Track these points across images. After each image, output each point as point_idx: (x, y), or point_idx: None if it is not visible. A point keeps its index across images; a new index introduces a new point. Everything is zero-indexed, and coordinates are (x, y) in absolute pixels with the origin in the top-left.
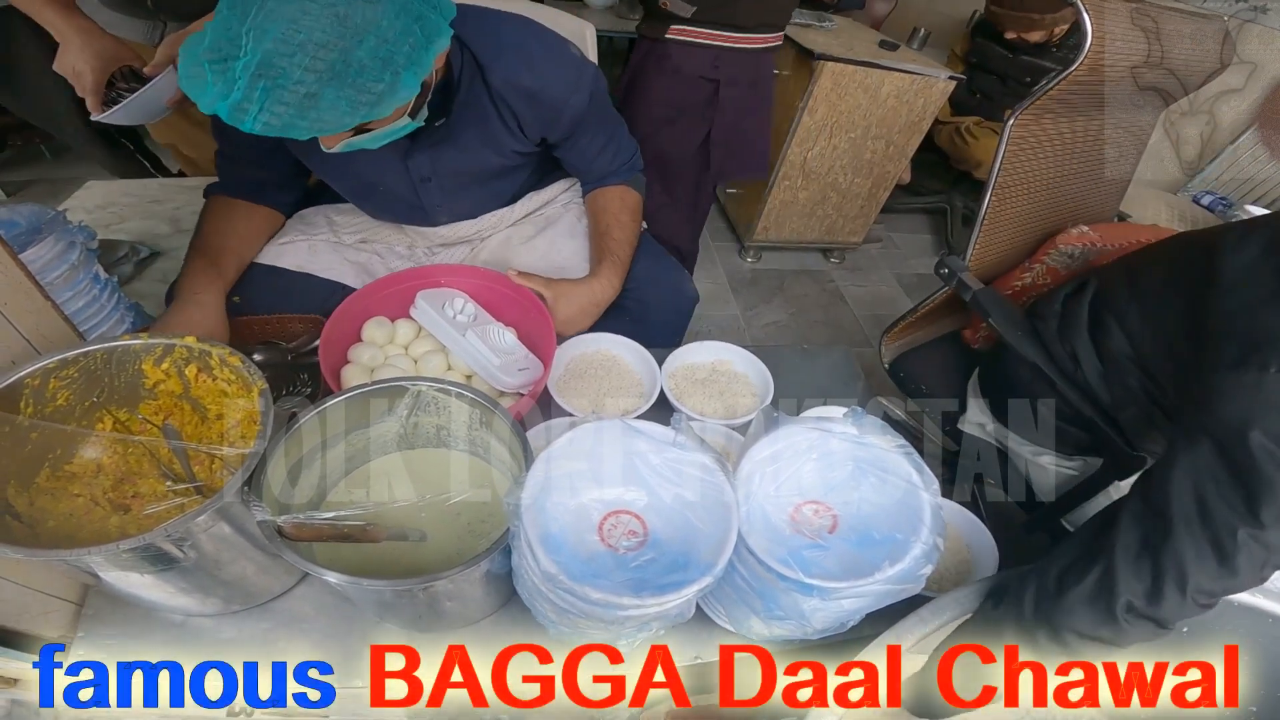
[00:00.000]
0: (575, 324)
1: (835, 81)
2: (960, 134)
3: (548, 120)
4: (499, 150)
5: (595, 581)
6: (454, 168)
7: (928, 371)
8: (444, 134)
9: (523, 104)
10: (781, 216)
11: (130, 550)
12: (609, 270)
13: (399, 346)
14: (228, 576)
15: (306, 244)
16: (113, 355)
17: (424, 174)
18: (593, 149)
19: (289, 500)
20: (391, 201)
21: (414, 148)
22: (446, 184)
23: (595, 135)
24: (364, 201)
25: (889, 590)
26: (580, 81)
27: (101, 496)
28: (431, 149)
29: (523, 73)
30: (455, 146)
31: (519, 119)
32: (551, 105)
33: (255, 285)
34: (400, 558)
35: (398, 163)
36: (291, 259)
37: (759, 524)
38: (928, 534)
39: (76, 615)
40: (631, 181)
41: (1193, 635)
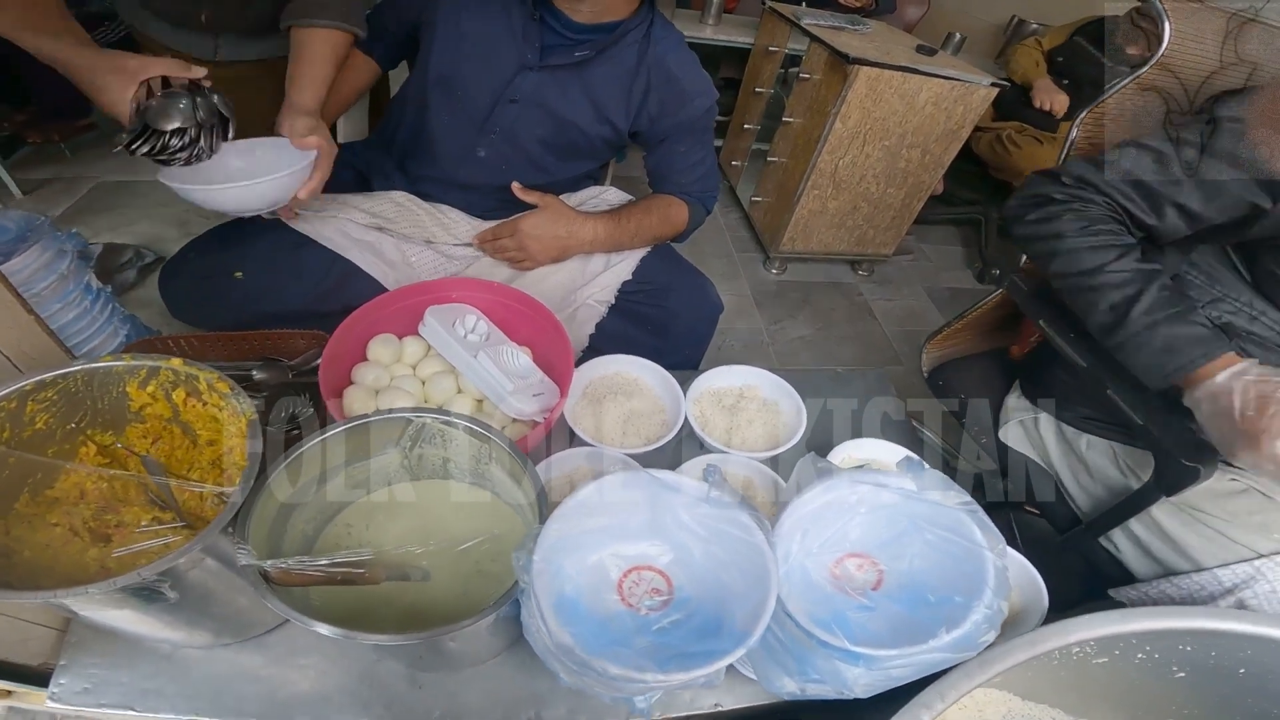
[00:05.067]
0: (539, 243)
1: (870, 87)
2: (1001, 141)
3: (669, 109)
4: (599, 115)
5: (614, 651)
6: (547, 105)
7: (968, 382)
8: (567, 70)
9: (661, 82)
10: (810, 227)
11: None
12: (601, 223)
13: (406, 366)
14: (217, 612)
15: (316, 216)
16: (94, 377)
17: (518, 95)
18: (681, 161)
19: (280, 537)
20: (457, 110)
21: (536, 64)
22: (525, 118)
23: (691, 148)
24: (436, 92)
25: (945, 659)
26: (708, 90)
27: (81, 526)
28: (546, 75)
29: (675, 57)
30: (563, 89)
31: (647, 95)
32: (682, 95)
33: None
34: (402, 596)
35: (508, 69)
36: (301, 225)
37: (798, 582)
38: (991, 597)
39: (59, 640)
40: (691, 204)
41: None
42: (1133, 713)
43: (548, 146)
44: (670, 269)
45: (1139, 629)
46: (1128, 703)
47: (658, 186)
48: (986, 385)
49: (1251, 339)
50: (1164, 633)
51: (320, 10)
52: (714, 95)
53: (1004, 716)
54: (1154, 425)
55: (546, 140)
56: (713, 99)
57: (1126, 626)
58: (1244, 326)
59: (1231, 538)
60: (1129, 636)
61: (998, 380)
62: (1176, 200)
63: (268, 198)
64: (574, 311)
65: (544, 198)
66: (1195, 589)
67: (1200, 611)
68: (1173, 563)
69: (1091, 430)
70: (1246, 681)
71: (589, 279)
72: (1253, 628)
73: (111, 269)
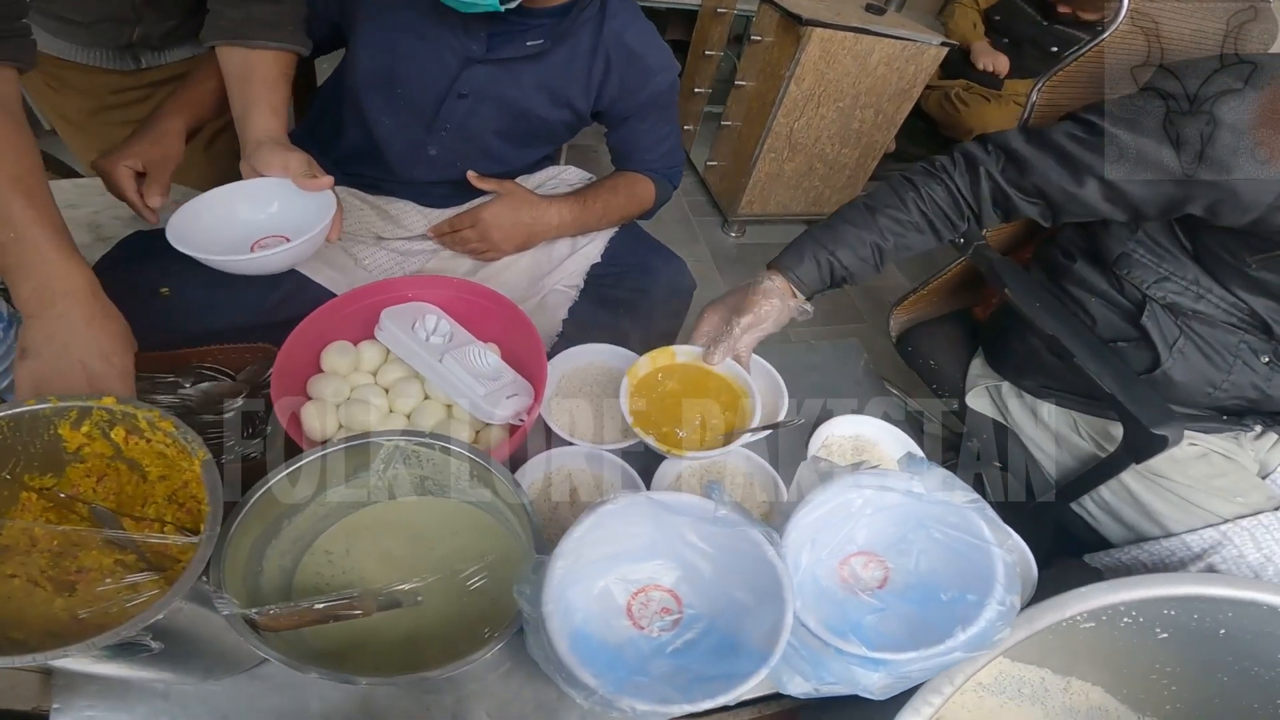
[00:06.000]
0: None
1: (824, 49)
2: (950, 100)
3: (631, 88)
4: (557, 101)
5: (634, 682)
6: (501, 96)
7: (935, 347)
8: (519, 62)
9: (622, 60)
10: (767, 190)
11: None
12: (566, 206)
13: (366, 374)
14: (204, 651)
15: None
16: (20, 422)
17: (466, 89)
18: (645, 138)
19: (258, 576)
20: (399, 110)
21: (483, 57)
22: (478, 112)
23: (655, 124)
24: (373, 91)
25: (961, 658)
26: (670, 65)
27: (41, 576)
28: (496, 66)
29: (634, 32)
30: (516, 79)
31: (607, 75)
32: (645, 72)
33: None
34: (395, 624)
35: (451, 64)
36: None
37: (810, 591)
38: (1003, 594)
39: (44, 683)
40: (657, 180)
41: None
42: (1117, 671)
43: (505, 137)
44: (640, 249)
45: (1130, 598)
46: (1112, 663)
47: (621, 164)
48: (953, 348)
49: (1198, 317)
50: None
51: (269, 31)
52: (676, 69)
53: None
54: (1123, 394)
55: (503, 131)
56: (675, 74)
57: (1119, 596)
58: (1190, 305)
59: (1195, 503)
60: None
61: (964, 344)
62: (1098, 173)
63: (305, 254)
64: (542, 299)
65: (503, 184)
66: (1166, 554)
67: (1188, 578)
68: (1143, 528)
69: (1050, 399)
70: (1225, 641)
71: (555, 264)
72: (1235, 592)
73: None
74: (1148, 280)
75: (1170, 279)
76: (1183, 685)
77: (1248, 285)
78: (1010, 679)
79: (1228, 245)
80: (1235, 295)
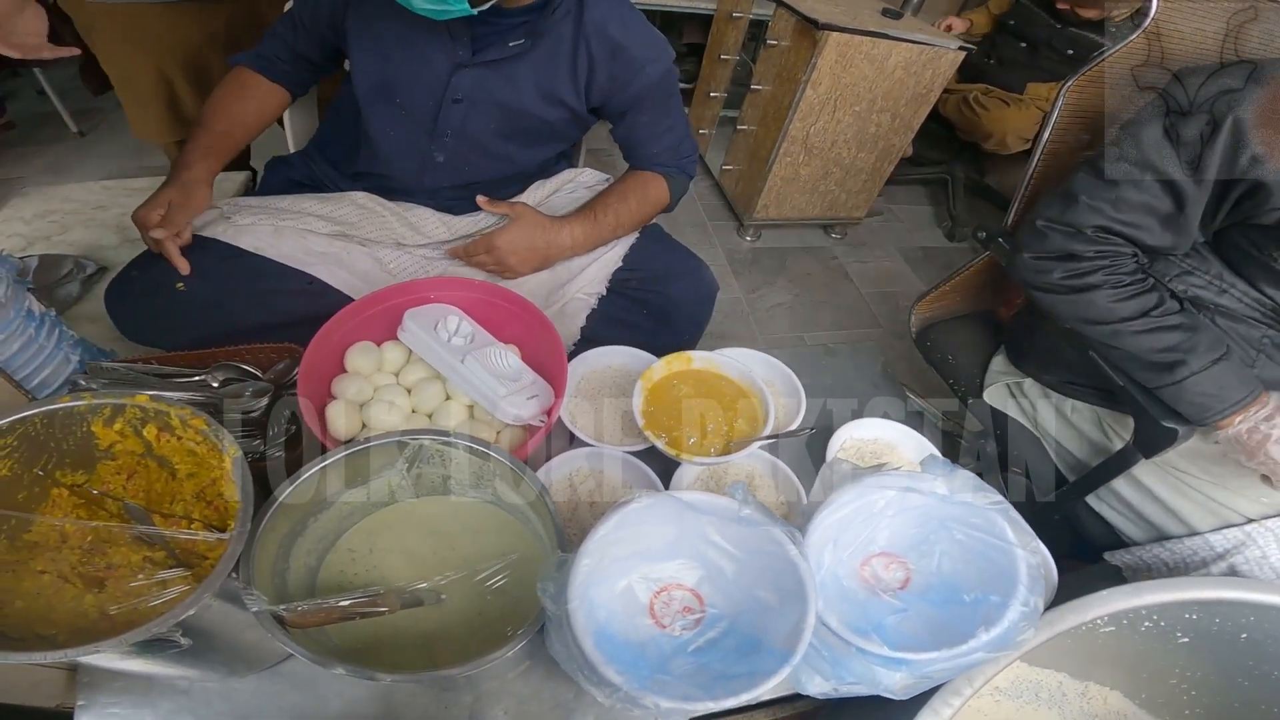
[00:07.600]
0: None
1: (840, 53)
2: (969, 104)
3: (621, 81)
4: (550, 98)
5: (657, 680)
6: (495, 99)
7: (955, 343)
8: (506, 62)
9: (605, 54)
10: (783, 194)
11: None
12: (579, 224)
13: (389, 375)
14: (230, 648)
15: (271, 227)
16: (54, 419)
17: (459, 93)
18: (647, 132)
19: (284, 573)
20: (401, 120)
21: (470, 61)
22: (475, 115)
23: (655, 117)
24: (375, 104)
25: (984, 659)
26: (661, 54)
27: (71, 572)
28: (485, 69)
29: (617, 23)
30: (507, 80)
31: (593, 70)
32: (630, 65)
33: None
34: (417, 622)
35: (442, 70)
36: (250, 240)
37: (832, 592)
38: (1026, 595)
39: (69, 680)
40: (669, 176)
41: None
42: (1136, 675)
43: (507, 139)
44: (663, 253)
45: (1152, 602)
46: (1131, 667)
47: (630, 160)
48: (973, 346)
49: (1220, 311)
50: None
51: None
52: (670, 56)
53: (1013, 682)
54: (1134, 388)
55: (503, 133)
56: (668, 61)
57: (1141, 600)
58: (1212, 299)
59: (1219, 501)
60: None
61: (984, 341)
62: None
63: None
64: (562, 307)
65: (514, 207)
66: (1188, 554)
67: (1210, 581)
68: (1166, 526)
69: (1074, 395)
70: (1247, 646)
71: (575, 273)
72: (1259, 596)
73: (51, 283)
74: (1170, 274)
75: (1193, 273)
76: (1202, 690)
77: (1272, 280)
78: (1027, 683)
79: (1253, 239)
80: (1259, 290)
